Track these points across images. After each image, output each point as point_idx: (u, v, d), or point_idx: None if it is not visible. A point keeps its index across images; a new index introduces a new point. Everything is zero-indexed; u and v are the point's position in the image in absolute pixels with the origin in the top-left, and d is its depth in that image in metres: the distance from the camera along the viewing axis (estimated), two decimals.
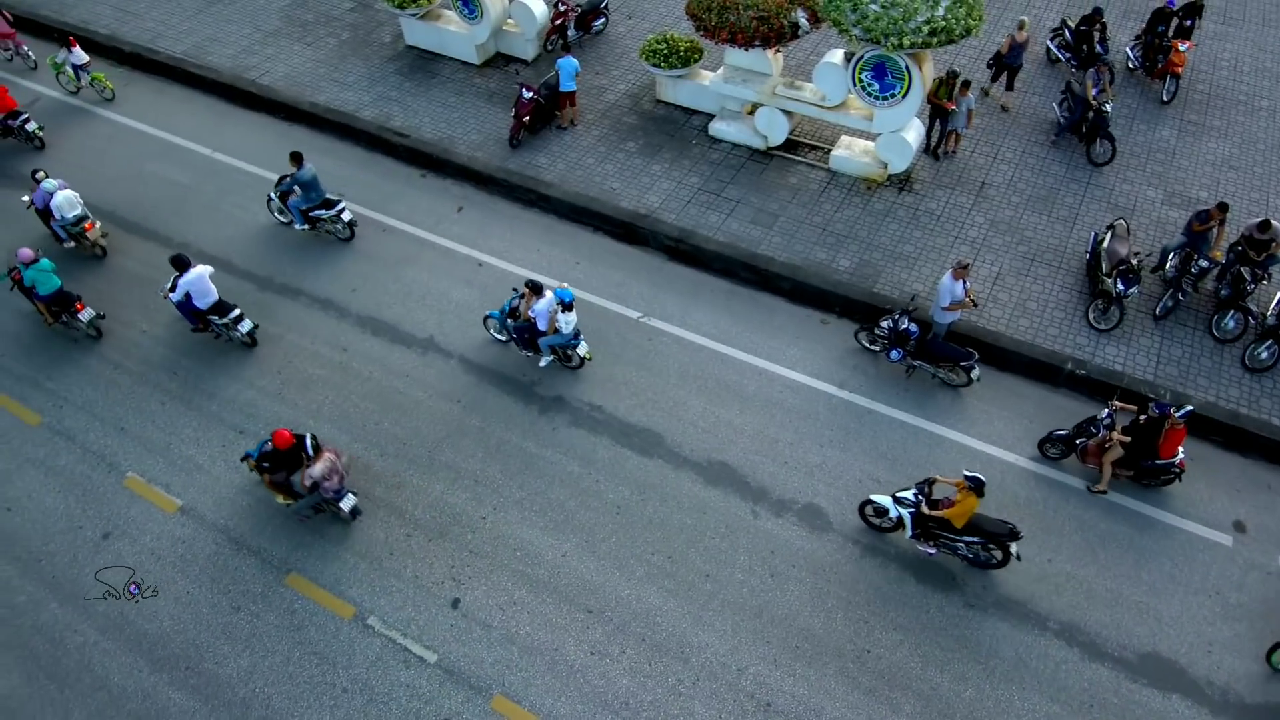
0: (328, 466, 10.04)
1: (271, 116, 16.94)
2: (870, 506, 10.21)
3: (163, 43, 18.41)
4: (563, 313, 11.47)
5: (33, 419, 12.01)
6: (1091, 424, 10.57)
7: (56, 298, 12.56)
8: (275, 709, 9.28)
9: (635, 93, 16.58)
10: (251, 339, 12.69)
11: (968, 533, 9.54)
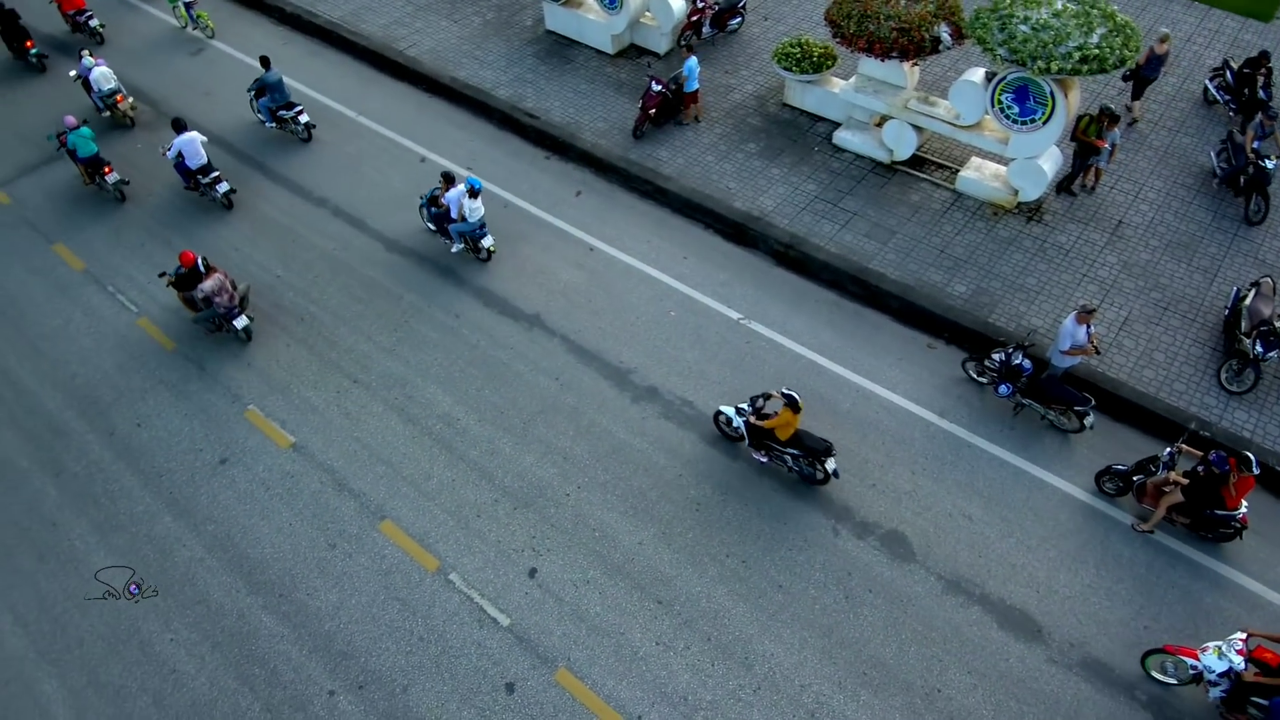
0: (216, 284, 11.97)
1: (413, 87, 17.44)
2: (721, 416, 11.09)
3: (322, 7, 19.20)
4: (469, 199, 12.79)
5: (169, 344, 12.79)
6: (1152, 463, 9.88)
7: (91, 161, 14.61)
8: (356, 646, 9.62)
9: (762, 94, 16.27)
10: (228, 201, 14.72)
11: (792, 445, 10.37)
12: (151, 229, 14.59)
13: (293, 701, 9.24)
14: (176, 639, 9.73)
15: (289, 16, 19.26)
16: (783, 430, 10.35)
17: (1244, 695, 8.41)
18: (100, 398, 12.13)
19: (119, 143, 16.23)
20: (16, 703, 9.31)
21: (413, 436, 11.54)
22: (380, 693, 9.27)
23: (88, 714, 9.20)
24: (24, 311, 13.34)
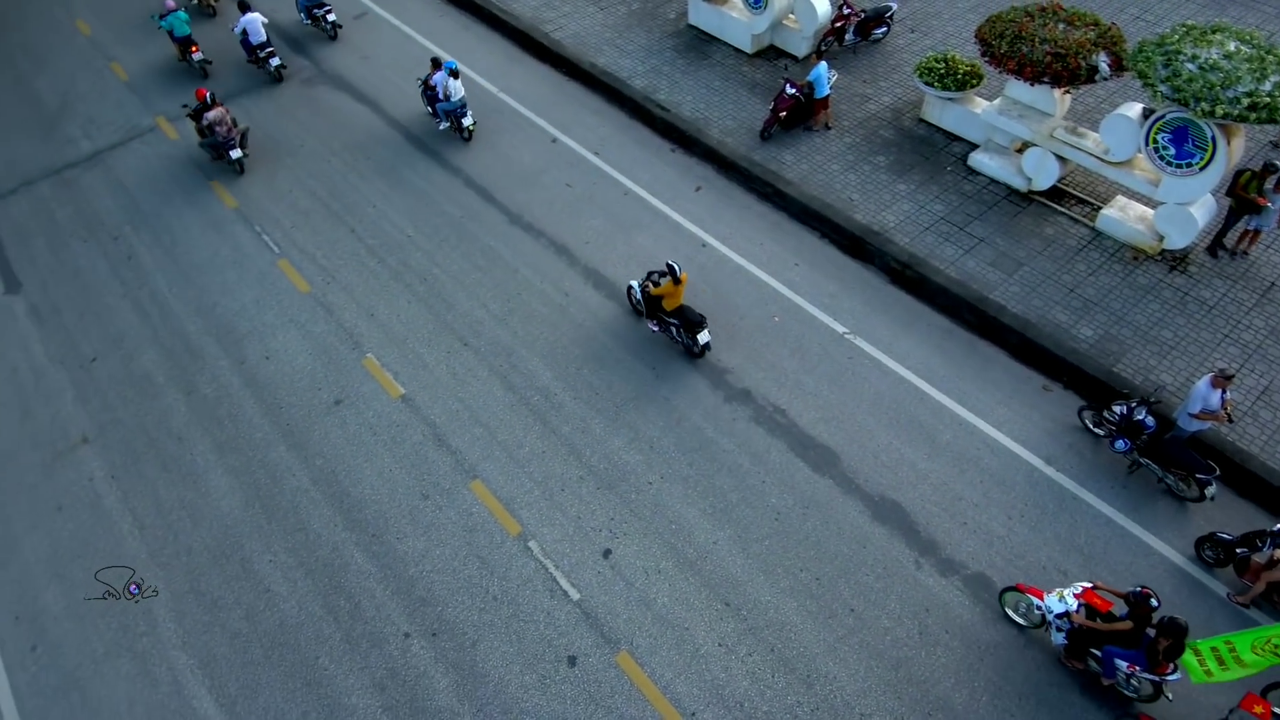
0: (218, 115, 14.65)
1: (554, 69, 17.61)
2: (632, 290, 12.34)
3: None
4: (451, 80, 14.56)
5: (304, 287, 13.40)
6: (1259, 537, 8.96)
7: (184, 41, 17.19)
8: (434, 595, 9.86)
9: (898, 107, 15.60)
10: (279, 74, 17.19)
11: (675, 316, 11.62)
12: (302, 180, 15.31)
13: (371, 637, 9.56)
14: (275, 561, 10.23)
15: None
16: (669, 300, 11.73)
17: (1084, 643, 8.60)
18: (236, 328, 12.85)
19: None
20: (123, 600, 10.00)
21: (511, 404, 11.71)
22: (451, 643, 9.47)
23: (186, 619, 9.79)
24: (178, 240, 14.26)
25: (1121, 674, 8.40)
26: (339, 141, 15.92)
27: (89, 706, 9.12)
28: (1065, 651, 8.86)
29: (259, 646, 9.52)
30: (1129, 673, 8.34)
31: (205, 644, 9.54)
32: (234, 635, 9.61)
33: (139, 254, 14.04)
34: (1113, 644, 8.35)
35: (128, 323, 13.00)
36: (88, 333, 12.87)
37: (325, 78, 17.53)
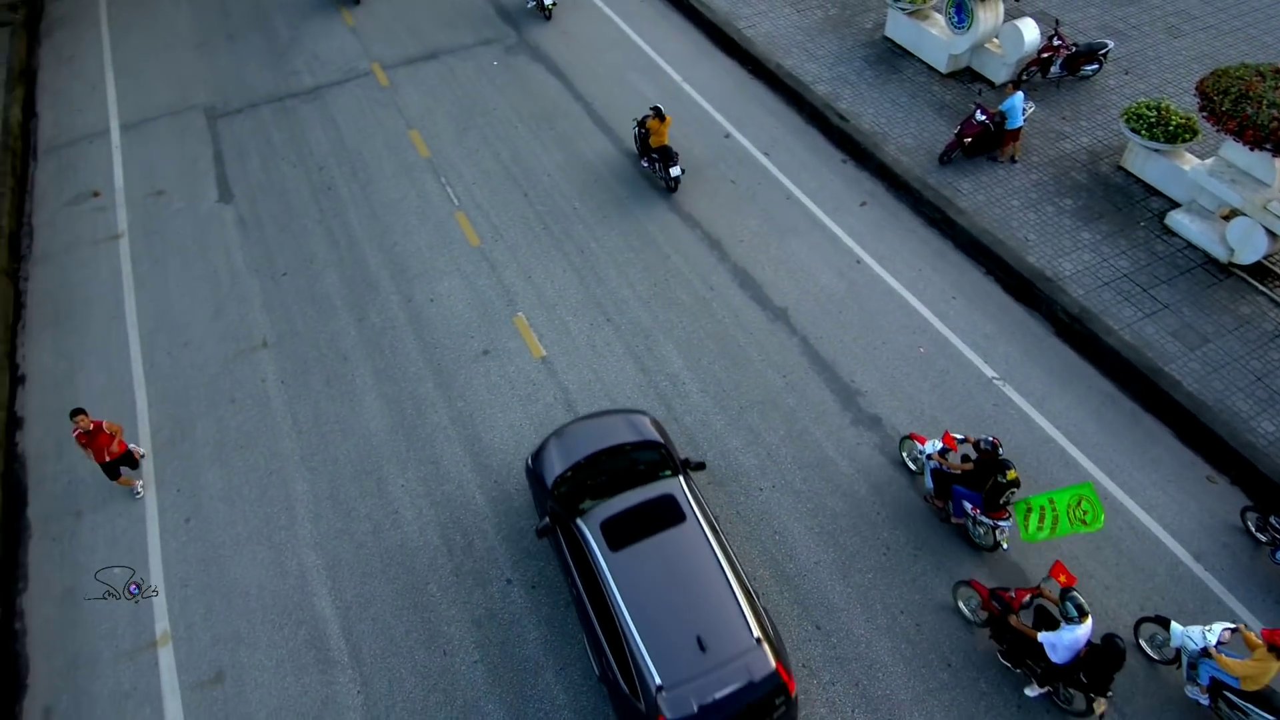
0: None
1: (739, 65, 17.30)
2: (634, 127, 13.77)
3: None
4: None
5: (475, 240, 13.93)
6: None
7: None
8: (541, 550, 10.01)
9: (1096, 150, 14.25)
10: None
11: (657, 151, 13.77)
12: (489, 140, 15.86)
13: (476, 575, 9.90)
14: (406, 486, 10.78)
15: None
16: (654, 137, 13.99)
17: (944, 484, 9.69)
18: (409, 268, 13.55)
19: None
20: (273, 490, 10.82)
21: (640, 384, 11.72)
22: (548, 599, 9.66)
23: (321, 520, 10.49)
24: (373, 179, 15.16)
25: (967, 515, 9.57)
26: (528, 109, 16.37)
27: (224, 582, 9.98)
28: (933, 491, 9.93)
29: (379, 561, 10.08)
30: (972, 514, 9.47)
31: (334, 549, 10.21)
32: (359, 546, 10.22)
33: (337, 186, 15.05)
34: (960, 485, 9.44)
35: (318, 246, 14.00)
36: (283, 249, 13.96)
37: (526, 48, 18.05)
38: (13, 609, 9.84)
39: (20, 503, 10.82)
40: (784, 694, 7.63)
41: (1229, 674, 7.85)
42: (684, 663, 7.59)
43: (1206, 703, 8.22)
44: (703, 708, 7.38)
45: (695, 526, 8.51)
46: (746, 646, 7.69)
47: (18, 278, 13.76)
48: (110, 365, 12.31)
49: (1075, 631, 7.81)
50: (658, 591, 8.00)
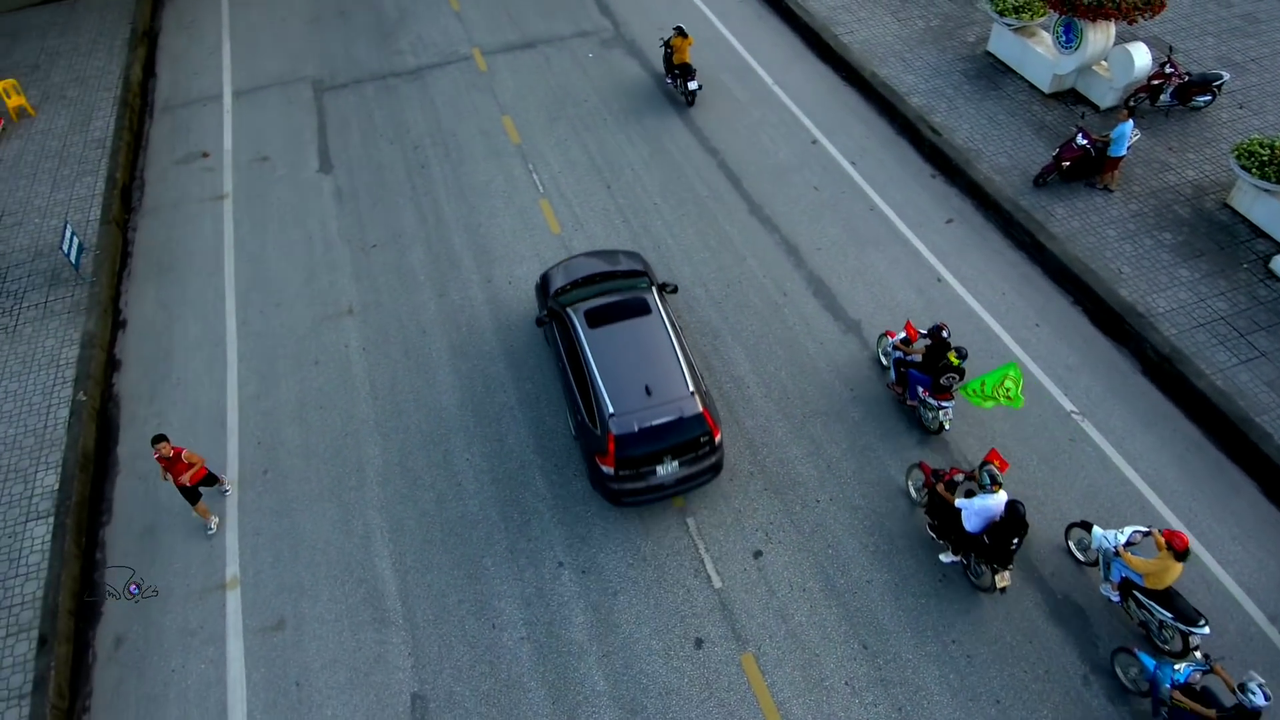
0: None
1: (833, 71, 16.97)
2: None
3: None
4: None
5: (555, 228, 14.03)
6: None
7: None
8: (593, 536, 10.12)
9: (1202, 185, 13.47)
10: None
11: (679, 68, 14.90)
12: (578, 131, 15.98)
13: (530, 555, 10.04)
14: (471, 460, 10.98)
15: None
16: (677, 54, 15.32)
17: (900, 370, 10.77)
18: (491, 250, 13.76)
19: None
20: (347, 451, 11.15)
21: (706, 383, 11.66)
22: (596, 584, 9.73)
23: (389, 484, 10.78)
24: (465, 160, 15.44)
25: (919, 398, 10.49)
26: (618, 103, 16.42)
27: (293, 535, 10.35)
28: (894, 379, 10.99)
29: (440, 530, 10.31)
30: (923, 397, 10.40)
31: (398, 514, 10.49)
32: (423, 513, 10.48)
33: (430, 165, 15.39)
34: (916, 370, 10.41)
35: (408, 222, 14.36)
36: (375, 222, 14.37)
37: (622, 42, 18.09)
38: (95, 540, 10.42)
39: (112, 440, 11.44)
40: (708, 435, 9.67)
41: (1134, 571, 8.48)
42: (632, 400, 9.64)
43: (1118, 599, 8.94)
44: (642, 429, 9.46)
45: (658, 319, 10.44)
46: (682, 395, 9.75)
47: (127, 228, 14.54)
48: (206, 318, 12.91)
49: (987, 500, 8.64)
50: (620, 355, 10.03)
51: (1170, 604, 8.35)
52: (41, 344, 12.32)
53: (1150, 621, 8.59)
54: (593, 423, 9.77)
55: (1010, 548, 8.57)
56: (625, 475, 9.61)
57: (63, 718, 8.89)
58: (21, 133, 16.16)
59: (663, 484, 9.75)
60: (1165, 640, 8.54)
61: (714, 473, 10.03)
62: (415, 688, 9.01)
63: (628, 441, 9.42)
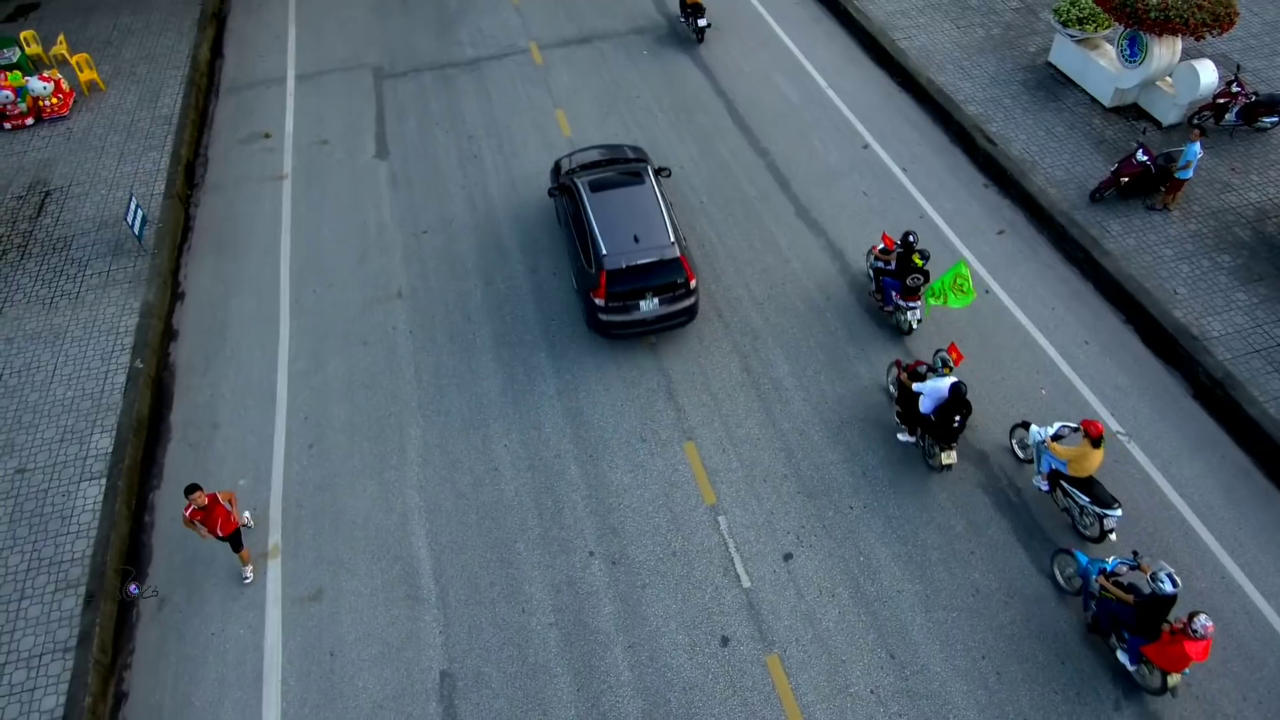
0: None
1: (888, 76, 16.74)
2: None
3: None
4: None
5: None
6: None
7: None
8: (624, 528, 10.16)
9: (1265, 208, 13.01)
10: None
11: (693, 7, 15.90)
12: (629, 127, 16.00)
13: (561, 543, 10.11)
14: (509, 447, 11.09)
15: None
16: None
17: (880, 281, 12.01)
18: (539, 241, 13.86)
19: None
20: (389, 431, 11.33)
21: (743, 384, 11.61)
22: (625, 576, 9.77)
23: (429, 465, 10.93)
24: (517, 152, 15.55)
25: (893, 302, 11.77)
26: (669, 100, 16.41)
27: (334, 508, 10.57)
28: (874, 288, 12.21)
29: (475, 513, 10.44)
30: (896, 301, 11.66)
31: (436, 494, 10.64)
32: (459, 495, 10.62)
33: (483, 156, 15.54)
34: (890, 277, 11.68)
35: (459, 210, 14.52)
36: (427, 208, 14.57)
37: (676, 40, 18.03)
38: (145, 503, 10.74)
39: (165, 407, 11.78)
40: (684, 279, 11.45)
41: (1058, 459, 9.47)
42: (622, 244, 11.50)
43: (1046, 488, 9.94)
44: (629, 266, 11.31)
45: (649, 188, 12.20)
46: (664, 244, 11.55)
47: (189, 204, 14.94)
48: (261, 294, 13.23)
49: (939, 382, 9.84)
50: (615, 213, 11.80)
51: (1089, 490, 9.34)
52: (102, 311, 12.73)
53: (1073, 509, 9.48)
54: (589, 265, 11.58)
55: (953, 425, 9.82)
56: (614, 307, 11.43)
57: (105, 673, 9.18)
58: (92, 106, 16.70)
59: (645, 319, 11.53)
60: (1086, 526, 9.49)
61: (689, 316, 11.84)
62: (444, 665, 9.15)
63: (616, 277, 11.27)
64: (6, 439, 11.09)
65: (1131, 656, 8.40)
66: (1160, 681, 8.18)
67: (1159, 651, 7.97)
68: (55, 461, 10.84)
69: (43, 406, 11.46)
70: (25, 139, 15.97)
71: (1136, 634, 8.18)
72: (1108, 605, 8.45)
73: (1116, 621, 8.42)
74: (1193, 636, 7.65)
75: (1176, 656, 7.80)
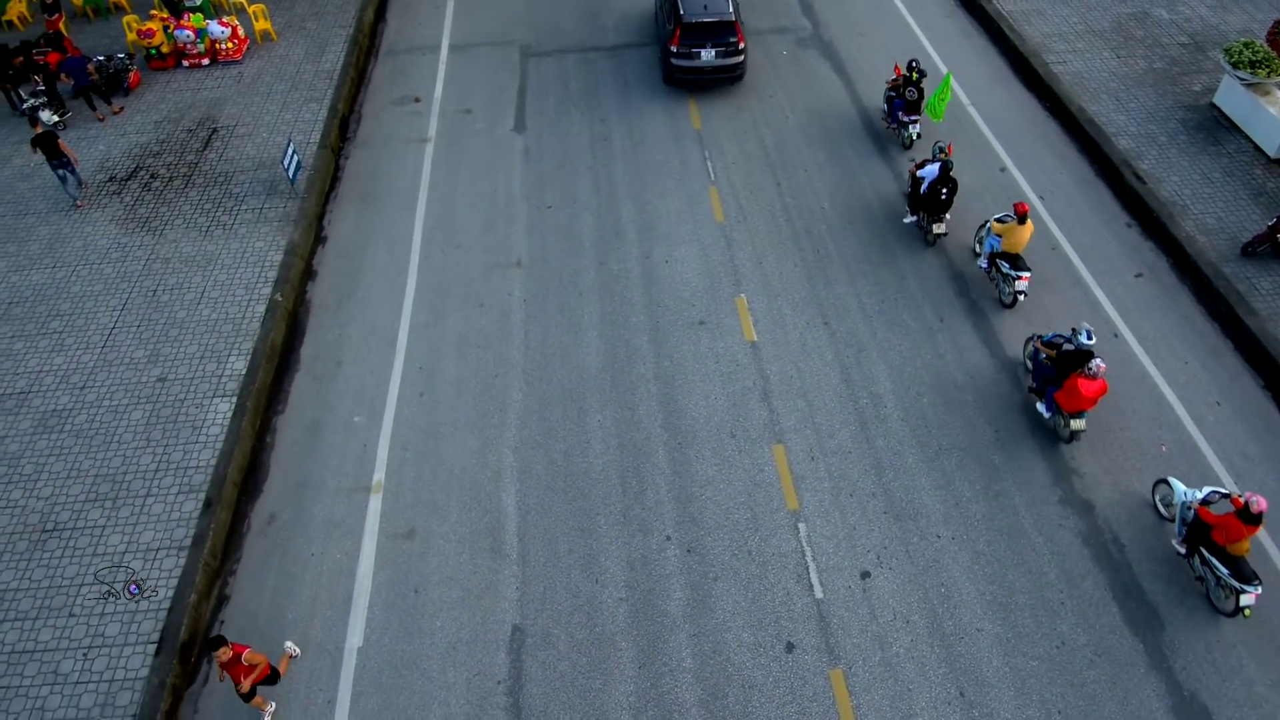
0: None
1: (1036, 100, 15.80)
2: None
3: None
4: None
5: (720, 217, 13.96)
6: None
7: None
8: (704, 519, 10.09)
9: None
10: None
11: None
12: (758, 125, 15.77)
13: (641, 524, 10.15)
14: (602, 423, 11.20)
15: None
16: None
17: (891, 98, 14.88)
18: (655, 228, 13.87)
19: None
20: (494, 391, 11.63)
21: (840, 395, 11.29)
22: (698, 565, 9.72)
23: (526, 428, 11.16)
24: (645, 139, 15.56)
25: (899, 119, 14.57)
26: (803, 102, 16.05)
27: (435, 456, 10.95)
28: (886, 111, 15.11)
29: (563, 481, 10.62)
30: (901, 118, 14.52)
31: (529, 457, 10.87)
32: (551, 461, 10.81)
33: (613, 139, 15.67)
34: (898, 99, 14.55)
35: (584, 189, 14.71)
36: (554, 185, 14.82)
37: (818, 42, 17.63)
38: (269, 426, 11.44)
39: (297, 340, 12.50)
40: (735, 38, 15.50)
41: (994, 236, 11.90)
42: (696, 11, 15.61)
43: (986, 266, 12.22)
44: (697, 22, 15.40)
45: None
46: (725, 13, 15.55)
47: (340, 155, 15.74)
48: (393, 247, 13.82)
49: (933, 166, 12.59)
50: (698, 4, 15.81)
51: (1014, 263, 11.67)
52: (252, 245, 13.60)
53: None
54: (669, 24, 15.94)
55: (941, 197, 12.49)
56: (683, 53, 15.48)
57: (213, 575, 9.85)
58: (263, 55, 17.80)
59: (703, 67, 15.62)
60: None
61: (738, 75, 15.93)
62: (517, 620, 9.37)
63: (688, 29, 15.39)
64: (153, 349, 12.02)
65: (1047, 405, 10.47)
66: (1069, 431, 10.18)
67: (1064, 395, 9.91)
68: (194, 375, 11.69)
69: (189, 324, 12.36)
70: (200, 78, 17.21)
71: (1054, 384, 10.15)
72: (1040, 366, 10.46)
73: (1045, 379, 10.37)
74: (1087, 375, 9.56)
75: (1072, 394, 9.73)
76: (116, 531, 9.99)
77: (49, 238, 13.82)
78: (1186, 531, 9.08)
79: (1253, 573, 8.61)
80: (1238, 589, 8.57)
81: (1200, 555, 9.00)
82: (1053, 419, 10.47)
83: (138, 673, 8.84)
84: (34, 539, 9.96)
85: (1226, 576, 8.65)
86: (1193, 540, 9.03)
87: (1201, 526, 8.82)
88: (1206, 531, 8.77)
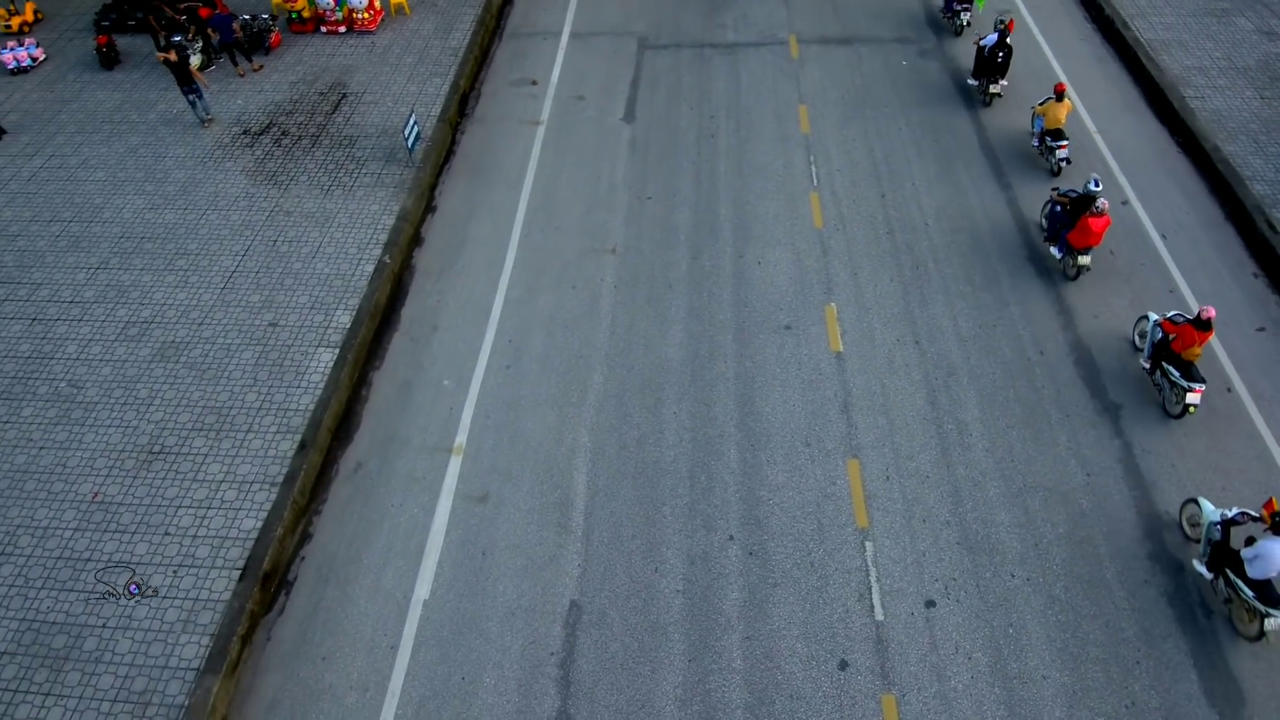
0: None
1: (1167, 134, 14.71)
2: None
3: (1145, 22, 16.86)
4: None
5: (819, 223, 13.60)
6: None
7: None
8: (768, 524, 9.90)
9: None
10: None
11: None
12: (868, 134, 15.28)
13: (705, 519, 10.03)
14: (677, 415, 11.11)
15: (1103, 18, 17.40)
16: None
17: None
18: (751, 228, 13.63)
19: None
20: (577, 371, 11.69)
21: (924, 417, 10.84)
22: (758, 569, 9.53)
23: (603, 411, 11.17)
24: (751, 139, 15.31)
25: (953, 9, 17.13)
26: (918, 116, 15.44)
27: (514, 426, 11.10)
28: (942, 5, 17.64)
29: (633, 466, 10.60)
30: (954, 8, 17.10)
31: (603, 440, 10.89)
32: (623, 447, 10.80)
33: (719, 136, 15.48)
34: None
35: (685, 183, 14.60)
36: (656, 176, 14.76)
37: (940, 56, 16.93)
38: (365, 379, 11.84)
39: (400, 301, 12.88)
40: None
41: (1039, 116, 13.77)
42: None
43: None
44: None
45: None
46: None
47: (457, 130, 16.11)
48: (497, 223, 14.07)
49: (993, 36, 14.64)
50: None
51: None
52: (367, 207, 14.09)
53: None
54: None
55: (999, 60, 14.55)
56: None
57: (300, 513, 10.28)
58: (395, 27, 18.37)
59: None
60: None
61: None
62: (575, 596, 9.42)
63: None
64: (268, 295, 12.62)
65: (1060, 247, 12.10)
66: (1075, 268, 11.96)
67: (1076, 233, 11.49)
68: (302, 324, 12.21)
69: (303, 275, 12.92)
70: (335, 44, 17.91)
71: (1067, 226, 11.67)
72: (1055, 215, 12.03)
73: (1058, 225, 11.86)
74: (1094, 213, 11.23)
75: (1084, 231, 11.35)
76: (216, 461, 10.56)
77: (184, 180, 14.68)
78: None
79: (1200, 375, 10.06)
80: (1185, 387, 9.96)
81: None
82: (1063, 259, 12.17)
83: (220, 595, 9.33)
84: (141, 459, 10.63)
85: (1178, 377, 10.07)
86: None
87: (1164, 341, 10.32)
88: (1167, 343, 10.26)
